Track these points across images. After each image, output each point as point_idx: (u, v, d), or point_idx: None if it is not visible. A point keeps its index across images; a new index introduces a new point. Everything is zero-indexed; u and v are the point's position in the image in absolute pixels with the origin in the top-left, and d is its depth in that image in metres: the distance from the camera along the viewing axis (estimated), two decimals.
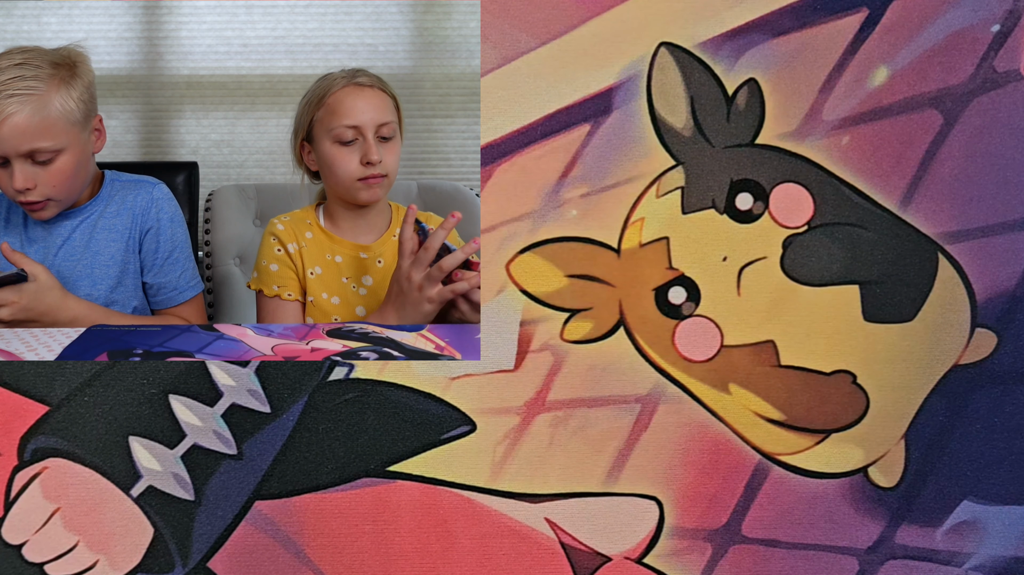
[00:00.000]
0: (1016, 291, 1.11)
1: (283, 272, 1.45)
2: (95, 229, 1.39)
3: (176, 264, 1.43)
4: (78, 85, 1.32)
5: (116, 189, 1.43)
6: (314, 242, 1.46)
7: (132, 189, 1.43)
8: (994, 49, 1.11)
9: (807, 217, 1.11)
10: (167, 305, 1.44)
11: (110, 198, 1.41)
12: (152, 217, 1.41)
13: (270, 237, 1.47)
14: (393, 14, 2.42)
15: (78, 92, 1.31)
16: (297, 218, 1.49)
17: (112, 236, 1.39)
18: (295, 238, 1.46)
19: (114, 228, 1.39)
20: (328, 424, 1.10)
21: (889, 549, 1.12)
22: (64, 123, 1.30)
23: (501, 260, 1.11)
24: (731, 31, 1.11)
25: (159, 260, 1.42)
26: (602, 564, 1.11)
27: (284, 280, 1.45)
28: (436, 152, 2.41)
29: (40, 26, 2.35)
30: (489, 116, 1.11)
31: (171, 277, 1.43)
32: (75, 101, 1.31)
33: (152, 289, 1.43)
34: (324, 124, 1.44)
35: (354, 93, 1.44)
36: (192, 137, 2.44)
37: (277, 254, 1.45)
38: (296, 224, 1.48)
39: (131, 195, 1.42)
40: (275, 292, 1.45)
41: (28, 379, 1.09)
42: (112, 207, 1.41)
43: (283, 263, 1.45)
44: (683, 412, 1.11)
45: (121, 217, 1.40)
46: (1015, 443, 1.11)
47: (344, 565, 1.11)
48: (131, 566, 1.10)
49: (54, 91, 1.29)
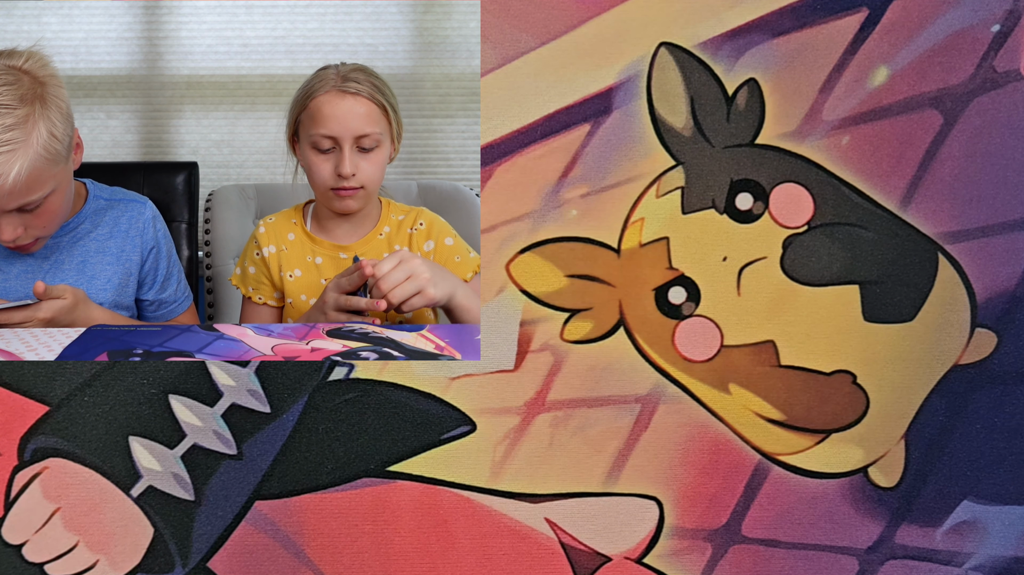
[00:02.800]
0: (1016, 291, 1.11)
1: (258, 276, 1.46)
2: (88, 252, 1.32)
3: (172, 279, 1.42)
4: (56, 115, 1.15)
5: (101, 206, 1.34)
6: (296, 244, 1.46)
7: (122, 209, 1.35)
8: (994, 49, 1.11)
9: (807, 217, 1.11)
10: (167, 318, 1.43)
11: (97, 216, 1.34)
12: (151, 237, 1.36)
13: (252, 239, 1.47)
14: (393, 14, 2.42)
15: (59, 125, 1.15)
16: (282, 218, 1.49)
17: (107, 259, 1.33)
18: (274, 240, 1.46)
19: (108, 251, 1.33)
20: (328, 424, 1.10)
21: (889, 549, 1.12)
22: (51, 167, 1.15)
23: (501, 260, 1.11)
24: (731, 31, 1.10)
25: (160, 279, 1.40)
26: (602, 564, 1.11)
27: (257, 284, 1.46)
28: (436, 152, 2.41)
29: (40, 26, 2.35)
30: (489, 116, 1.11)
31: (170, 292, 1.42)
32: (59, 138, 1.15)
33: (152, 306, 1.41)
34: (305, 127, 1.43)
35: (334, 101, 1.40)
36: (192, 137, 2.44)
37: (255, 257, 1.46)
38: (280, 226, 1.48)
39: (123, 216, 1.35)
40: (249, 294, 1.46)
41: (28, 379, 1.09)
42: (103, 229, 1.33)
43: (259, 267, 1.46)
44: (683, 412, 1.11)
45: (115, 239, 1.34)
46: (1015, 443, 1.11)
47: (344, 565, 1.11)
48: (131, 566, 1.10)
49: (33, 134, 1.12)
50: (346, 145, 1.39)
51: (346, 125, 1.39)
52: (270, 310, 1.46)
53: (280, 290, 1.46)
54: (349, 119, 1.39)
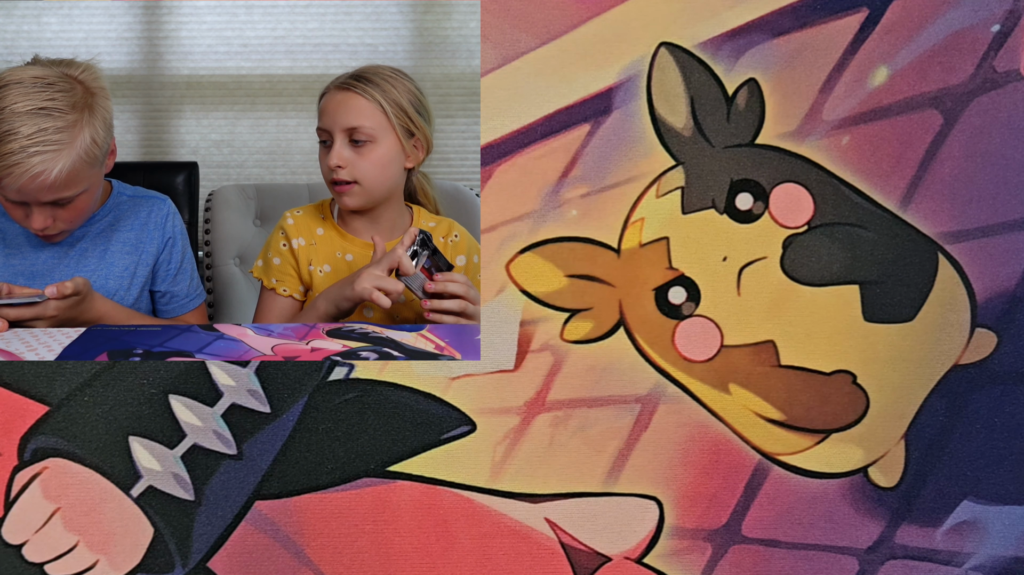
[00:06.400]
0: (1016, 291, 1.11)
1: (283, 267, 1.45)
2: (110, 242, 1.41)
3: (186, 274, 1.48)
4: (100, 124, 1.28)
5: (124, 202, 1.44)
6: (325, 239, 1.46)
7: (143, 205, 1.45)
8: (994, 49, 1.11)
9: (807, 217, 1.11)
10: (176, 313, 1.48)
11: (119, 210, 1.43)
12: (169, 229, 1.45)
13: (279, 230, 1.47)
14: (393, 14, 2.42)
15: (101, 133, 1.28)
16: (311, 212, 1.50)
17: (126, 249, 1.41)
18: (304, 233, 1.46)
19: (127, 241, 1.42)
20: (328, 424, 1.10)
21: (889, 549, 1.12)
22: (88, 169, 1.27)
23: (501, 260, 1.11)
24: (731, 31, 1.10)
25: (172, 270, 1.46)
26: (602, 564, 1.11)
27: (283, 275, 1.45)
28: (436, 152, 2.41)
29: (40, 26, 2.35)
30: (489, 116, 1.11)
31: (182, 286, 1.48)
32: (99, 144, 1.27)
33: (164, 297, 1.47)
34: None
35: (333, 96, 1.43)
36: (192, 137, 2.44)
37: (282, 248, 1.46)
38: (309, 219, 1.48)
39: (143, 210, 1.44)
40: (272, 285, 1.45)
41: (28, 379, 1.09)
42: (125, 221, 1.42)
43: (285, 258, 1.46)
44: (683, 412, 1.11)
45: (134, 231, 1.42)
46: (1015, 443, 1.11)
47: (344, 565, 1.11)
48: (131, 566, 1.10)
49: (78, 138, 1.24)
50: (337, 137, 1.40)
51: (335, 118, 1.41)
52: (293, 303, 1.46)
53: (306, 284, 1.46)
54: (339, 112, 1.41)
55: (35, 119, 1.22)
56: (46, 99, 1.24)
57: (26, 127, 1.21)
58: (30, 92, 1.24)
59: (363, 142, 1.40)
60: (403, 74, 1.46)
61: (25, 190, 1.23)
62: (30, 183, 1.22)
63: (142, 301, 1.44)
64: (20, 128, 1.21)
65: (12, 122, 1.21)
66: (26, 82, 1.24)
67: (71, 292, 1.24)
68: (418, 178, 1.51)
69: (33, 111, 1.22)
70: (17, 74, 1.26)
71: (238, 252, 1.82)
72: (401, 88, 1.44)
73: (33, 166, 1.21)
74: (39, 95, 1.24)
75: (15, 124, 1.21)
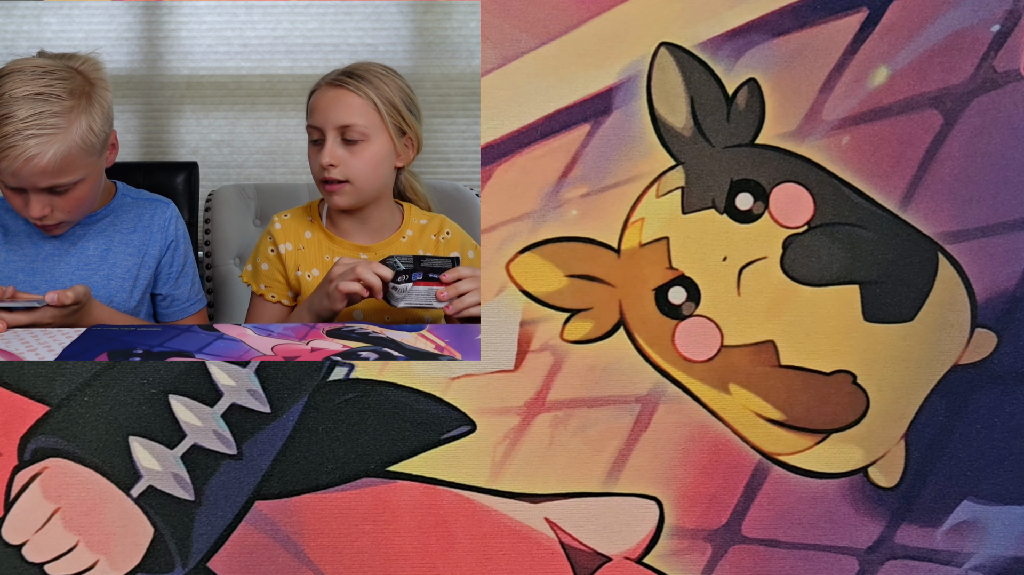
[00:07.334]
0: (1016, 291, 1.11)
1: (272, 273, 1.45)
2: (112, 242, 1.41)
3: (187, 278, 1.48)
4: (97, 112, 1.29)
5: (127, 203, 1.45)
6: (313, 242, 1.45)
7: (147, 207, 1.45)
8: (994, 49, 1.11)
9: (807, 217, 1.11)
10: (177, 317, 1.48)
11: (122, 211, 1.43)
12: (172, 232, 1.45)
13: (267, 235, 1.46)
14: (393, 14, 2.42)
15: (99, 121, 1.29)
16: (298, 215, 1.48)
17: (128, 250, 1.42)
18: (291, 238, 1.45)
19: (130, 243, 1.42)
20: (328, 424, 1.10)
21: (889, 549, 1.12)
22: (84, 156, 1.28)
23: (501, 260, 1.11)
24: (731, 31, 1.11)
25: (174, 273, 1.46)
26: (602, 564, 1.11)
27: (271, 281, 1.44)
28: (436, 152, 2.41)
29: (40, 26, 2.35)
30: (489, 116, 1.11)
31: (183, 290, 1.48)
32: (96, 132, 1.28)
33: (165, 301, 1.47)
34: None
35: (324, 93, 1.41)
36: (192, 137, 2.44)
37: (270, 254, 1.45)
38: (296, 222, 1.47)
39: (147, 212, 1.45)
40: (261, 291, 1.45)
41: (28, 379, 1.09)
42: (127, 223, 1.43)
43: (273, 264, 1.45)
44: (683, 412, 1.11)
45: (137, 233, 1.43)
46: (1015, 443, 1.11)
47: (344, 565, 1.11)
48: (131, 566, 1.10)
49: (75, 124, 1.26)
50: (329, 135, 1.39)
51: (327, 115, 1.40)
52: (282, 308, 1.45)
53: (295, 289, 1.45)
54: (330, 109, 1.40)
55: (32, 103, 1.24)
56: (43, 85, 1.26)
57: (22, 111, 1.23)
58: (29, 79, 1.26)
59: (356, 140, 1.39)
60: (394, 72, 1.45)
61: (20, 174, 1.25)
62: (24, 166, 1.24)
63: (144, 304, 1.44)
64: (16, 112, 1.23)
65: (10, 106, 1.23)
66: (27, 70, 1.27)
67: (71, 302, 1.24)
68: (407, 176, 1.50)
69: (30, 96, 1.24)
70: (20, 63, 1.28)
71: (238, 252, 1.82)
72: (393, 86, 1.43)
73: (28, 148, 1.23)
74: (38, 81, 1.26)
75: (12, 108, 1.23)
